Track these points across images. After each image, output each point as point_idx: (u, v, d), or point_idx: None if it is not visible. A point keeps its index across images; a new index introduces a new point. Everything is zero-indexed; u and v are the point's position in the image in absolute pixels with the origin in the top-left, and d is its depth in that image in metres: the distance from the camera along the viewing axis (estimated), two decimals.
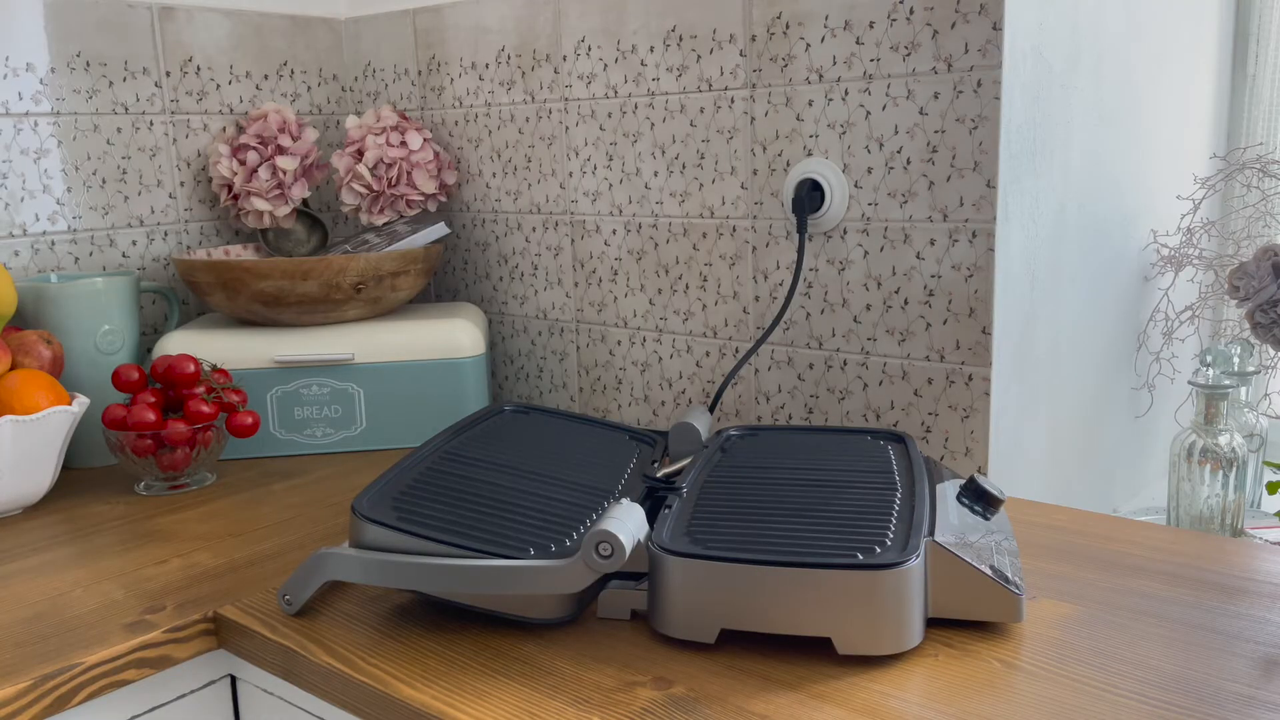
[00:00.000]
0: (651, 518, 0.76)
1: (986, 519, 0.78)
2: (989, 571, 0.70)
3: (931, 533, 0.71)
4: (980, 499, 0.78)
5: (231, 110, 1.35)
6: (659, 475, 0.87)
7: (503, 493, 0.79)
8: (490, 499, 0.78)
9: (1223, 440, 1.11)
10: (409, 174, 1.29)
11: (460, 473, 0.82)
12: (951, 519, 0.75)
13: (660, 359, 1.20)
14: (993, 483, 0.79)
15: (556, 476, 0.84)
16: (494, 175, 1.32)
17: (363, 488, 0.91)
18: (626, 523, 0.69)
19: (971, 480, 0.79)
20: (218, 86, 1.33)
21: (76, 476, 1.12)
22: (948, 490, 0.81)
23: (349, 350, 1.16)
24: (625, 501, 0.72)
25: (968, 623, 0.71)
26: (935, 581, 0.70)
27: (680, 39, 1.11)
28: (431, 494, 0.78)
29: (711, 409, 1.05)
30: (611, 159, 1.19)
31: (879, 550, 0.68)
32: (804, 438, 0.94)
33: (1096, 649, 0.68)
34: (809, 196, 1.02)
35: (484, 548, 0.71)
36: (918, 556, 0.68)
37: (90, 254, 1.24)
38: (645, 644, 0.71)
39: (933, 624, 0.71)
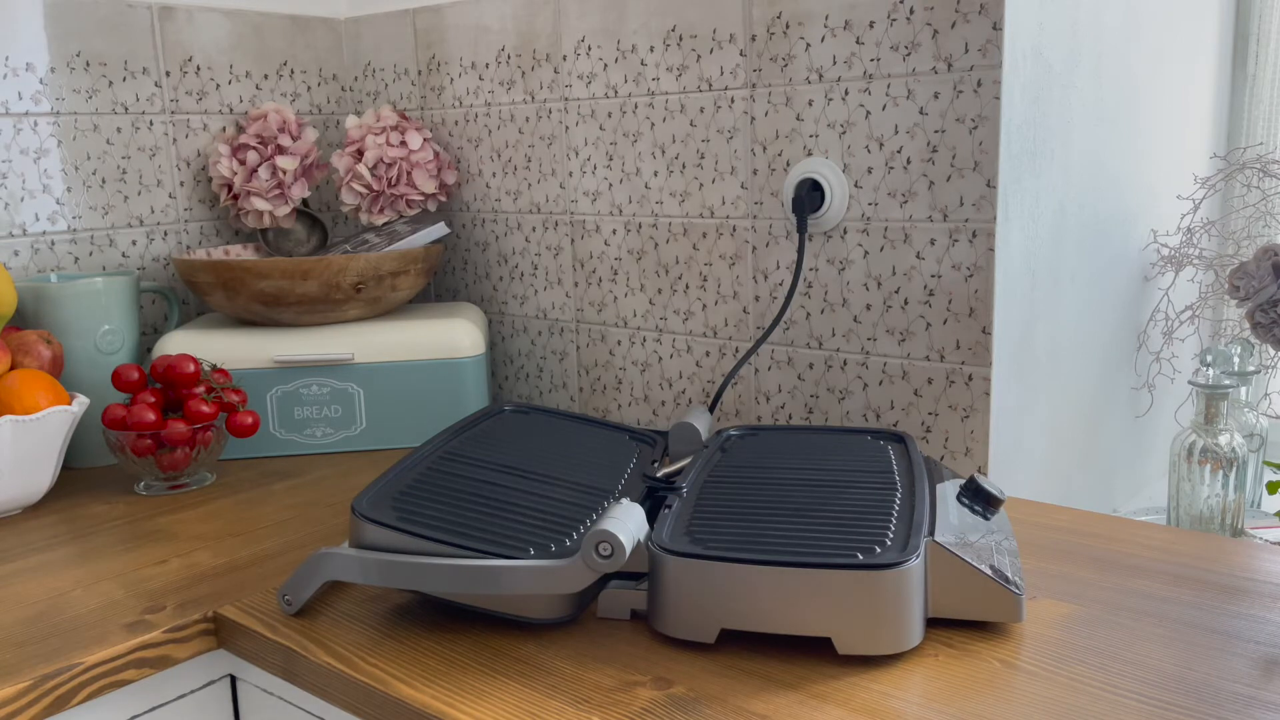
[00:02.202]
0: (651, 518, 0.76)
1: (986, 519, 0.78)
2: (989, 571, 0.70)
3: (931, 533, 0.71)
4: (980, 499, 0.78)
5: (231, 110, 1.35)
6: (659, 475, 0.87)
7: (502, 493, 0.79)
8: (490, 499, 0.78)
9: (1223, 440, 1.11)
10: (409, 174, 1.29)
11: (460, 473, 0.82)
12: (951, 519, 0.75)
13: (660, 359, 1.20)
14: (993, 483, 0.79)
15: (556, 476, 0.84)
16: (494, 175, 1.32)
17: (363, 488, 0.92)
18: (626, 523, 0.69)
19: (971, 480, 0.79)
20: (217, 86, 1.33)
21: (76, 476, 1.12)
22: (948, 490, 0.81)
23: (349, 350, 1.16)
24: (625, 501, 0.72)
25: (968, 622, 0.71)
26: (935, 581, 0.70)
27: (680, 39, 1.11)
28: (431, 494, 0.78)
29: (711, 409, 1.05)
30: (611, 159, 1.19)
31: (879, 550, 0.68)
32: (804, 438, 0.93)
33: (1096, 649, 0.68)
34: (809, 196, 1.02)
35: (484, 548, 0.71)
36: (918, 556, 0.68)
37: (90, 254, 1.24)
38: (645, 644, 0.71)
39: (933, 624, 0.71)
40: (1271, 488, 1.09)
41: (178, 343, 1.15)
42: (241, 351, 1.15)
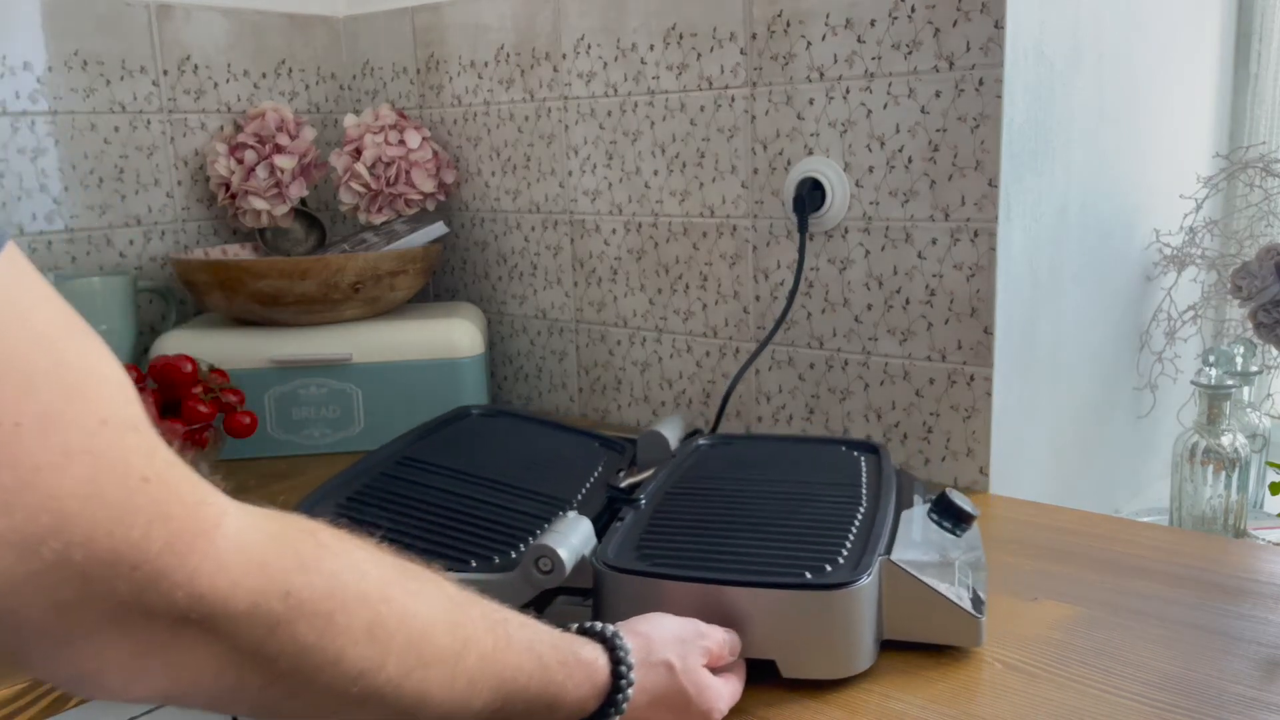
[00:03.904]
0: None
1: (956, 535, 0.74)
2: (947, 592, 0.67)
3: (889, 550, 0.68)
4: (951, 515, 0.75)
5: (229, 109, 1.34)
6: (622, 485, 0.84)
7: (455, 501, 0.77)
8: (441, 508, 0.76)
9: (1225, 441, 1.11)
10: (407, 173, 1.28)
11: (414, 479, 0.80)
12: (914, 536, 0.72)
13: (660, 359, 1.20)
14: (965, 498, 0.75)
15: (515, 485, 0.81)
16: (493, 174, 1.32)
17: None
18: (570, 537, 0.67)
19: (942, 495, 0.76)
20: (215, 85, 1.33)
21: None
22: (918, 505, 0.77)
23: (347, 350, 1.16)
24: (572, 515, 0.70)
25: None
26: (891, 602, 0.67)
27: (680, 37, 1.10)
28: (380, 500, 0.76)
29: (714, 429, 1.04)
30: (611, 158, 1.19)
31: (829, 569, 0.65)
32: (777, 447, 0.90)
33: (1098, 650, 0.68)
34: (810, 195, 1.02)
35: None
36: (869, 575, 0.65)
37: (87, 253, 1.24)
38: None
39: None
40: (1274, 488, 1.08)
41: (175, 343, 1.14)
42: (239, 351, 1.14)
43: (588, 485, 0.85)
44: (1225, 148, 1.34)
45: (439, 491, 0.79)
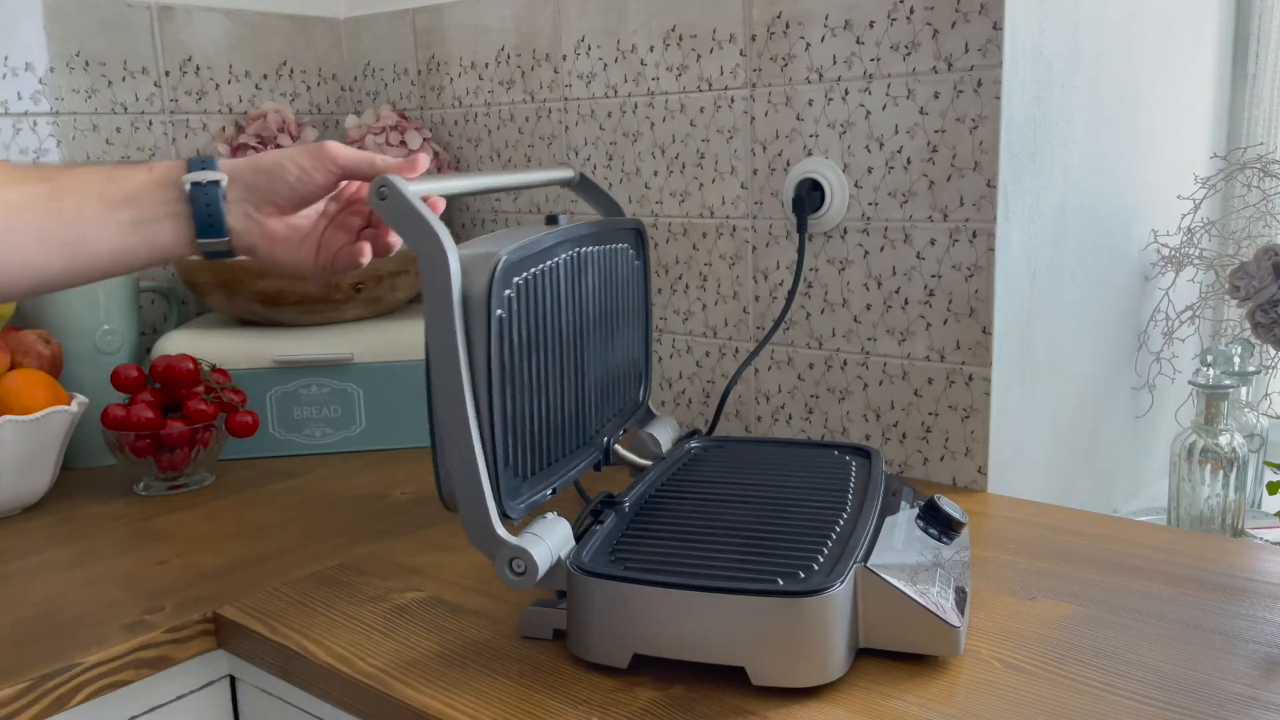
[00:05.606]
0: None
1: (944, 543, 0.74)
2: (925, 601, 0.66)
3: (867, 557, 0.67)
4: (938, 521, 0.74)
5: (231, 110, 1.35)
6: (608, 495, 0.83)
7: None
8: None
9: (1223, 440, 1.11)
10: None
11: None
12: (897, 543, 0.71)
13: (660, 359, 1.20)
14: (955, 505, 0.75)
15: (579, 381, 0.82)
16: None
17: (363, 488, 0.86)
18: (546, 540, 0.67)
19: (930, 502, 0.75)
20: (217, 86, 1.33)
21: (76, 476, 1.12)
22: (905, 511, 0.77)
23: (348, 350, 1.16)
24: (551, 516, 0.70)
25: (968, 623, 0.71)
26: (867, 610, 0.66)
27: (680, 38, 1.11)
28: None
29: (712, 429, 1.04)
30: (611, 159, 1.19)
31: (803, 575, 0.65)
32: (769, 451, 0.90)
33: (1097, 649, 0.68)
34: (809, 196, 1.02)
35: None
36: (842, 583, 0.64)
37: None
38: None
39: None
40: (1272, 488, 1.09)
41: (177, 343, 1.15)
42: (241, 351, 1.15)
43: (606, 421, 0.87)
44: (1223, 148, 1.35)
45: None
